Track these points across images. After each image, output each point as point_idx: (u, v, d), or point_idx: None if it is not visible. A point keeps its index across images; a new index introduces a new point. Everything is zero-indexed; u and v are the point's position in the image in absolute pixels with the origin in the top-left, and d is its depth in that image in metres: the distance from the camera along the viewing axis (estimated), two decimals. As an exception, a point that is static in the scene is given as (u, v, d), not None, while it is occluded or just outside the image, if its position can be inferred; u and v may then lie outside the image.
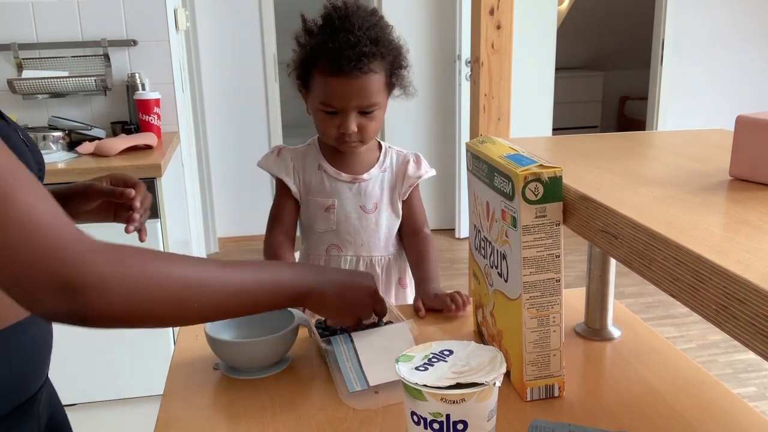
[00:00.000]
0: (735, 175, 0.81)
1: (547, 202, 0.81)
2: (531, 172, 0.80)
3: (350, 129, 1.23)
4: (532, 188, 0.80)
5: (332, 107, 1.23)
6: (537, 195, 0.80)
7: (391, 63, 1.26)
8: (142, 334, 2.19)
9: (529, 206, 0.81)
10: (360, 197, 1.36)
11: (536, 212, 0.81)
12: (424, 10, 4.26)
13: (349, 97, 1.21)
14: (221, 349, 0.99)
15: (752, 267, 0.53)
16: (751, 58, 4.61)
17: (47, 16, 2.49)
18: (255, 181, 4.27)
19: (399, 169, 1.39)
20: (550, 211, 0.81)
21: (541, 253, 0.83)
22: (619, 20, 6.80)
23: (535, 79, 4.34)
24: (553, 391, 0.91)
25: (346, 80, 1.19)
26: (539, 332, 0.87)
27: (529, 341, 0.87)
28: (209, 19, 3.98)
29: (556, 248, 0.83)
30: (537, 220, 0.81)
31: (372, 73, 1.21)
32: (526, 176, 0.79)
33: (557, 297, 0.85)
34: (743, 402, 0.91)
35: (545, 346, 0.88)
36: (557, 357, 0.89)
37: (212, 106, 4.09)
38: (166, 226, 2.15)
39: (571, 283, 3.69)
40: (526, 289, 0.84)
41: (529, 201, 0.80)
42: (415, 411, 0.70)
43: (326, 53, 1.19)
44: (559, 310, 0.86)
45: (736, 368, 2.78)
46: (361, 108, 1.23)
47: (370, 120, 1.26)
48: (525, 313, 0.85)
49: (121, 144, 2.25)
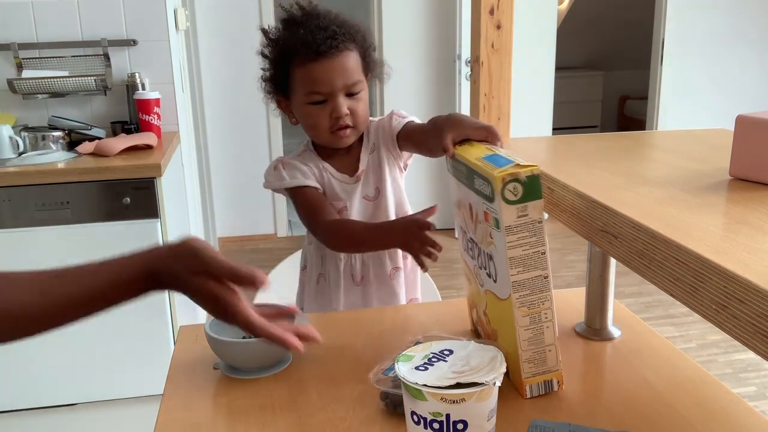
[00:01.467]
0: (735, 175, 0.81)
1: (528, 201, 0.81)
2: (508, 173, 0.80)
3: (342, 111, 1.22)
4: (511, 189, 0.80)
5: (319, 94, 1.22)
6: (517, 195, 0.80)
7: (362, 43, 1.26)
8: (142, 334, 2.19)
9: (510, 207, 0.81)
10: (363, 189, 1.33)
11: (518, 212, 0.81)
12: (424, 10, 4.26)
13: (333, 78, 1.21)
14: (221, 349, 0.99)
15: (752, 267, 0.53)
16: (751, 58, 4.61)
17: (47, 16, 2.49)
18: (255, 181, 4.25)
19: (383, 136, 1.32)
20: (531, 210, 0.81)
21: (527, 251, 0.83)
22: (619, 20, 6.80)
23: (535, 79, 4.35)
24: (552, 386, 0.91)
25: (327, 61, 1.20)
26: (532, 329, 0.87)
27: (523, 339, 0.87)
28: (209, 19, 3.98)
29: (541, 245, 0.83)
30: (519, 220, 0.81)
31: (347, 50, 1.22)
32: (503, 177, 0.79)
33: (547, 293, 0.86)
34: (743, 402, 0.91)
35: (540, 343, 0.88)
36: (553, 352, 0.89)
37: (212, 106, 4.09)
38: (166, 226, 2.15)
39: (571, 283, 3.69)
40: (515, 288, 0.84)
41: (510, 201, 0.80)
42: (415, 411, 0.70)
43: (300, 42, 1.20)
44: (550, 306, 0.86)
45: (736, 368, 2.78)
46: (347, 88, 1.23)
47: (358, 102, 1.25)
48: (516, 312, 0.86)
49: (121, 144, 2.26)
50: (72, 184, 2.07)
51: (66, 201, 2.08)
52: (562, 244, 4.30)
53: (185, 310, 2.48)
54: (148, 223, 2.13)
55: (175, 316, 2.23)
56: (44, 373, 2.20)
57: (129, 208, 2.10)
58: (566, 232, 4.49)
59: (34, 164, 2.13)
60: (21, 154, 2.26)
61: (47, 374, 2.20)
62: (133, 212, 2.11)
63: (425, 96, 4.39)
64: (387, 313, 1.26)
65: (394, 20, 4.25)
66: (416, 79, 4.36)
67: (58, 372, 2.21)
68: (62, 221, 2.08)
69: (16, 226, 2.07)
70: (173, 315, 2.22)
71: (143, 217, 2.12)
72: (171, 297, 2.19)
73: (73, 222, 2.08)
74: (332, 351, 1.06)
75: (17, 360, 2.18)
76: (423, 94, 4.40)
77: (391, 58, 4.59)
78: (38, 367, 2.19)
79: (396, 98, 4.36)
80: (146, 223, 2.12)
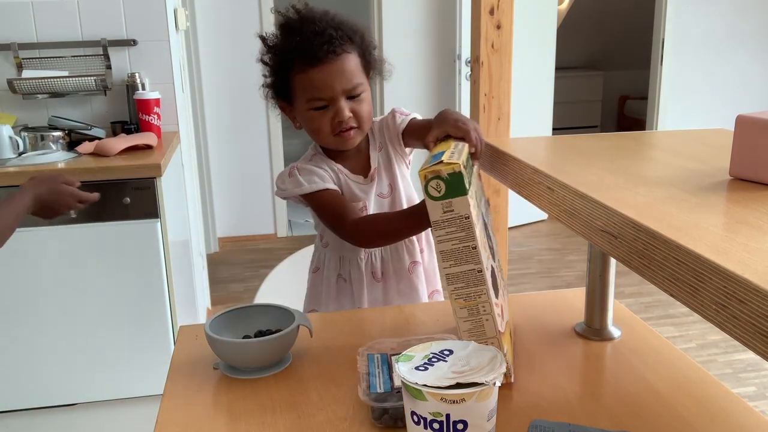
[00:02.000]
0: (735, 175, 0.81)
1: (451, 197, 0.83)
2: (431, 170, 0.83)
3: (345, 115, 1.22)
4: (434, 185, 0.83)
5: (321, 99, 1.22)
6: (440, 191, 0.83)
7: (361, 43, 1.26)
8: (142, 334, 2.19)
9: (435, 202, 0.84)
10: (377, 187, 1.33)
11: (443, 207, 0.84)
12: (424, 10, 4.26)
13: (333, 82, 1.21)
14: (221, 349, 0.99)
15: (752, 267, 0.53)
16: (751, 58, 4.61)
17: (47, 16, 2.49)
18: (255, 181, 4.28)
19: (388, 134, 1.34)
20: (456, 206, 0.84)
21: (457, 245, 0.85)
22: (619, 20, 6.81)
23: (535, 79, 4.34)
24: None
25: (326, 66, 1.20)
26: (471, 321, 0.89)
27: (463, 330, 0.89)
28: (209, 19, 3.98)
29: (471, 240, 0.85)
30: (445, 215, 0.84)
31: (346, 53, 1.21)
32: (426, 175, 0.83)
33: (482, 287, 0.87)
34: (743, 401, 0.91)
35: (481, 335, 0.89)
36: (495, 345, 0.89)
37: (212, 106, 4.09)
38: (166, 226, 2.15)
39: (571, 283, 3.69)
40: (450, 280, 0.87)
41: (434, 198, 0.84)
42: (415, 411, 0.70)
43: (298, 49, 1.20)
44: (488, 299, 0.88)
45: (736, 368, 2.78)
46: (348, 92, 1.23)
47: (360, 103, 1.24)
48: (453, 303, 0.88)
49: (121, 144, 2.25)
50: (72, 184, 2.07)
51: (66, 201, 2.08)
52: (562, 244, 4.30)
53: (185, 310, 2.48)
54: (148, 223, 2.13)
55: (175, 316, 2.23)
56: (44, 373, 2.20)
57: (129, 208, 2.10)
58: (566, 232, 4.49)
59: (34, 164, 2.13)
60: (21, 154, 2.26)
61: (47, 374, 2.20)
62: (133, 212, 2.11)
63: (425, 96, 4.39)
64: (387, 313, 1.26)
65: (394, 20, 4.25)
66: (416, 79, 4.36)
67: (58, 372, 2.21)
68: (62, 221, 2.08)
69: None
70: (173, 315, 2.22)
71: (143, 217, 2.12)
72: (171, 297, 2.19)
73: (73, 222, 2.08)
74: (332, 351, 1.06)
75: (17, 360, 2.18)
76: (423, 94, 4.40)
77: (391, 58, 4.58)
78: (38, 367, 2.19)
79: (396, 98, 4.36)
80: (146, 223, 2.12)
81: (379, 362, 0.94)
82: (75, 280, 2.13)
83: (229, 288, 3.66)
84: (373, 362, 0.94)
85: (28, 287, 2.12)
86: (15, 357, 2.17)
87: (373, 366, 0.93)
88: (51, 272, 2.12)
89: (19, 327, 2.15)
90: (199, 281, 3.00)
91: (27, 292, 2.13)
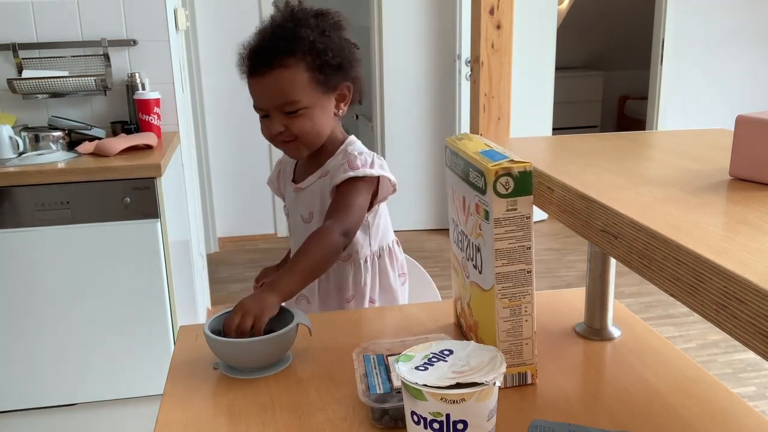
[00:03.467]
0: (735, 175, 0.81)
1: (518, 196, 0.84)
2: (502, 167, 0.83)
3: (274, 130, 1.23)
4: (503, 182, 0.83)
5: (259, 109, 1.24)
6: (508, 189, 0.83)
7: (313, 59, 1.20)
8: (142, 334, 2.19)
9: (500, 200, 0.84)
10: (301, 206, 1.35)
11: (507, 205, 0.84)
12: (424, 10, 4.26)
13: (263, 96, 1.22)
14: (221, 349, 0.99)
15: (752, 267, 0.53)
16: (751, 58, 4.61)
17: (47, 16, 2.49)
18: (255, 181, 4.28)
19: (335, 173, 1.29)
20: (520, 205, 0.84)
21: (513, 245, 0.86)
22: (618, 20, 6.81)
23: (535, 79, 4.34)
24: (526, 379, 0.93)
25: (258, 79, 1.21)
26: (512, 321, 0.89)
27: (502, 330, 0.89)
28: (209, 19, 3.98)
29: (527, 240, 0.86)
30: (508, 213, 0.84)
31: (282, 68, 1.19)
32: (497, 171, 0.83)
33: (529, 287, 0.88)
34: (743, 401, 0.91)
35: (518, 335, 0.90)
36: (529, 345, 0.91)
37: (212, 106, 4.09)
38: (166, 226, 2.15)
39: (571, 283, 3.69)
40: (498, 279, 0.87)
41: (500, 195, 0.84)
42: (415, 411, 0.70)
43: (240, 58, 1.23)
44: (531, 300, 0.89)
45: (736, 368, 2.78)
46: (281, 107, 1.21)
47: (297, 119, 1.22)
48: (498, 303, 0.88)
49: (121, 144, 2.26)
50: (72, 184, 2.07)
51: (66, 201, 2.08)
52: (562, 244, 4.30)
53: (185, 310, 2.48)
54: (148, 223, 2.13)
55: (175, 316, 2.23)
56: (44, 373, 2.20)
57: (129, 208, 2.10)
58: (566, 232, 4.49)
59: (34, 164, 2.13)
60: (21, 154, 2.26)
61: (47, 374, 2.20)
62: (133, 212, 2.11)
63: (425, 96, 4.39)
64: (387, 313, 1.26)
65: (394, 20, 4.25)
66: (416, 79, 4.36)
67: (58, 372, 2.21)
68: (62, 221, 2.08)
69: (16, 226, 2.07)
70: (173, 315, 2.22)
71: (143, 217, 2.12)
72: (171, 297, 2.19)
73: (73, 222, 2.08)
74: (332, 351, 1.06)
75: (17, 360, 2.18)
76: (423, 94, 4.40)
77: (391, 58, 4.61)
78: (38, 367, 2.19)
79: (396, 98, 4.36)
80: (146, 223, 2.12)
81: (375, 363, 0.94)
82: (75, 280, 2.13)
83: (229, 288, 3.66)
84: (369, 363, 0.94)
85: (28, 287, 2.12)
86: (15, 357, 2.17)
87: (370, 367, 0.94)
88: (51, 272, 2.12)
89: (19, 327, 2.15)
90: (199, 281, 3.00)
91: (27, 292, 2.13)
